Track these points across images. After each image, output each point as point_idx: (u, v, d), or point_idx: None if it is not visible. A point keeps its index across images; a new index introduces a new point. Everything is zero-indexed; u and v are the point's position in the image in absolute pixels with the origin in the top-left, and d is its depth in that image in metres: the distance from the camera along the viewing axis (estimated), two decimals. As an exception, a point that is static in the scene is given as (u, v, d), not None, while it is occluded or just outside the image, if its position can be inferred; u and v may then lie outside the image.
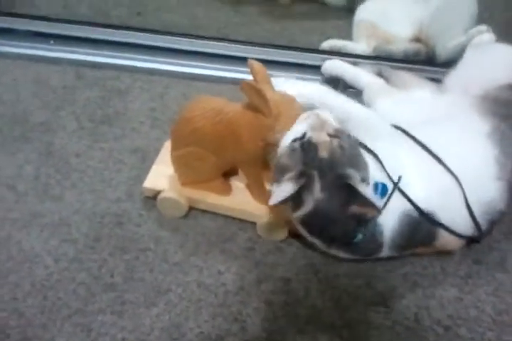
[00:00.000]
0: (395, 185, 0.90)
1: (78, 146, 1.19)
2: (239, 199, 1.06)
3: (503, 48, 1.19)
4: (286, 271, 1.00)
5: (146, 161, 1.15)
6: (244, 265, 1.00)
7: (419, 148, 0.98)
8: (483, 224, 0.95)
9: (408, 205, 0.91)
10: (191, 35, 1.44)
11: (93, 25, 1.45)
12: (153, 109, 1.28)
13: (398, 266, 1.01)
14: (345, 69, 1.30)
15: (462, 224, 0.95)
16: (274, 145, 0.97)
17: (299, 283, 0.98)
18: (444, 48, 1.40)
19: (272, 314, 0.94)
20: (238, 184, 1.08)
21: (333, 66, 1.34)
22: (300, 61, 1.40)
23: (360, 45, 1.46)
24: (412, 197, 0.91)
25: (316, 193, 0.83)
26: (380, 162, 0.92)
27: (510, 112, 1.03)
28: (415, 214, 0.91)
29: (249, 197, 1.05)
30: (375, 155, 0.92)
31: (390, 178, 0.91)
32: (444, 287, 0.99)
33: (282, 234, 1.03)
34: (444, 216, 0.93)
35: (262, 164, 1.01)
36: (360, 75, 1.27)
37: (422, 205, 0.91)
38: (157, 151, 1.13)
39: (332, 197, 0.83)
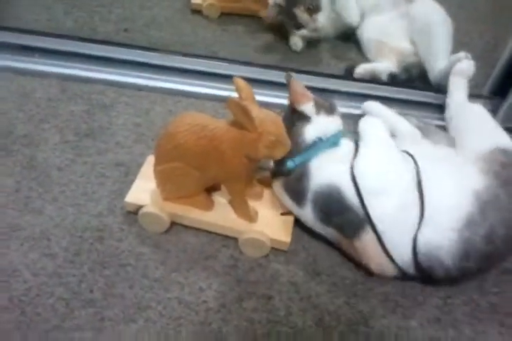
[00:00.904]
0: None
1: (61, 160, 1.18)
2: (221, 215, 1.06)
3: (480, 111, 1.21)
4: (267, 288, 0.99)
5: (129, 175, 1.14)
6: (226, 282, 1.00)
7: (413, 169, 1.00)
8: (423, 264, 0.95)
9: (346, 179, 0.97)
10: (178, 52, 1.44)
11: (79, 39, 1.45)
12: (138, 124, 1.28)
13: (378, 286, 1.02)
14: (385, 114, 1.30)
15: (400, 251, 0.96)
16: (258, 162, 0.98)
17: (280, 301, 0.98)
18: (432, 71, 1.46)
19: (253, 332, 0.93)
20: (221, 200, 1.08)
21: (373, 108, 1.34)
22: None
23: (385, 64, 1.50)
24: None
25: None
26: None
27: (510, 177, 1.00)
28: (347, 192, 0.97)
29: (231, 213, 1.06)
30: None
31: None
32: (423, 307, 1.00)
33: (264, 250, 1.03)
34: (389, 232, 0.95)
35: (245, 180, 1.02)
36: (399, 123, 1.25)
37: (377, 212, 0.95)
38: (140, 166, 1.12)
39: None
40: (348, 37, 1.65)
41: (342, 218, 0.98)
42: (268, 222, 1.05)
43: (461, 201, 0.96)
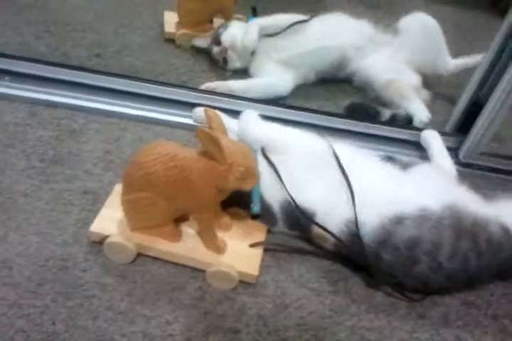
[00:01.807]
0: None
1: (26, 186, 1.15)
2: (189, 246, 1.04)
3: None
4: (235, 321, 0.98)
5: (96, 204, 1.12)
6: (192, 315, 0.98)
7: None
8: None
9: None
10: (150, 80, 1.45)
11: (50, 64, 1.44)
12: (107, 151, 1.27)
13: (346, 319, 1.02)
14: (435, 144, 1.37)
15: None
16: (227, 192, 0.98)
17: (248, 335, 0.96)
18: (443, 67, 1.62)
19: (219, 367, 0.92)
20: (189, 230, 1.07)
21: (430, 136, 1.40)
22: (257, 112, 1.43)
23: (417, 105, 1.54)
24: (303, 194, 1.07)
25: None
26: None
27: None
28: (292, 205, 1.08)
29: (199, 245, 1.04)
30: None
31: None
32: (390, 341, 1.00)
33: (232, 283, 1.02)
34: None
35: (214, 211, 1.01)
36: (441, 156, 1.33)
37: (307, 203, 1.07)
38: (109, 194, 1.11)
39: None
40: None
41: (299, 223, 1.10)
42: (237, 254, 1.04)
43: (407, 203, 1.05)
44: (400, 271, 1.04)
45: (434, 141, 1.38)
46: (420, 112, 1.51)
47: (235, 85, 1.51)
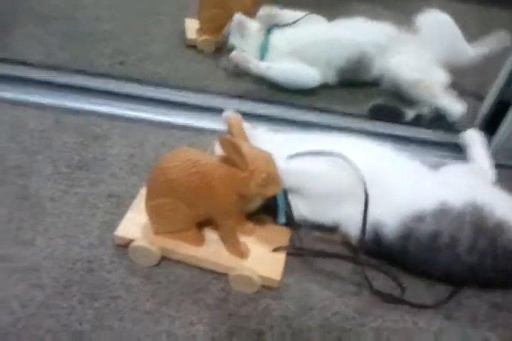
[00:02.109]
0: None
1: (53, 191, 1.18)
2: (212, 250, 1.05)
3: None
4: (259, 323, 0.98)
5: (120, 207, 1.14)
6: (216, 316, 0.98)
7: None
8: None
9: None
10: (172, 86, 1.47)
11: (74, 72, 1.47)
12: (132, 155, 1.29)
13: (371, 320, 1.01)
14: (476, 144, 1.34)
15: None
16: (250, 199, 0.99)
17: (272, 337, 0.96)
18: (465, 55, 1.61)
19: (243, 367, 0.92)
20: (212, 235, 1.07)
21: (473, 136, 1.37)
22: (279, 115, 1.44)
23: (449, 100, 1.53)
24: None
25: None
26: None
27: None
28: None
29: (222, 249, 1.05)
30: None
31: None
32: (415, 342, 0.99)
33: (254, 287, 1.02)
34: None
35: (236, 217, 1.02)
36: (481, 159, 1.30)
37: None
38: (133, 197, 1.12)
39: None
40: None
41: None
42: (259, 258, 1.05)
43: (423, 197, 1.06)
44: (424, 261, 1.06)
45: (476, 141, 1.35)
46: (455, 105, 1.51)
47: (263, 65, 1.49)
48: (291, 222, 1.10)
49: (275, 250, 1.07)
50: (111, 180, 1.22)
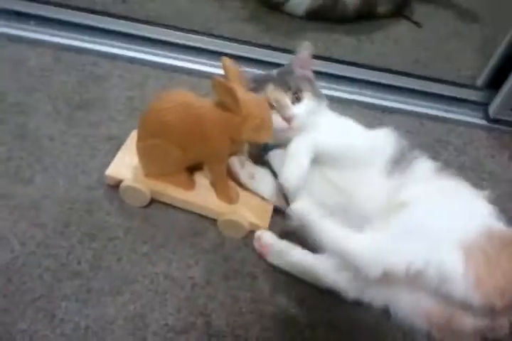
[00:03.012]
0: None
1: (52, 130, 1.17)
2: (201, 195, 1.05)
3: None
4: (253, 267, 1.00)
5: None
6: (212, 259, 1.01)
7: None
8: None
9: None
10: (175, 27, 1.43)
11: (76, 9, 1.42)
12: (131, 97, 1.27)
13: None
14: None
15: None
16: (242, 143, 0.98)
17: (266, 281, 0.99)
18: None
19: (237, 309, 0.94)
20: (203, 180, 1.08)
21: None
22: (281, 61, 1.40)
23: None
24: None
25: None
26: None
27: None
28: None
29: (212, 194, 1.05)
30: None
31: None
32: None
33: (242, 232, 1.04)
34: None
35: (227, 162, 1.02)
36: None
37: None
38: (132, 141, 1.12)
39: None
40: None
41: None
42: (248, 205, 1.05)
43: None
44: None
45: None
46: None
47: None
48: None
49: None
50: (110, 122, 1.21)
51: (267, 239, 1.01)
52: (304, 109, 1.02)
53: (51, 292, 0.92)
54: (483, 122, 1.37)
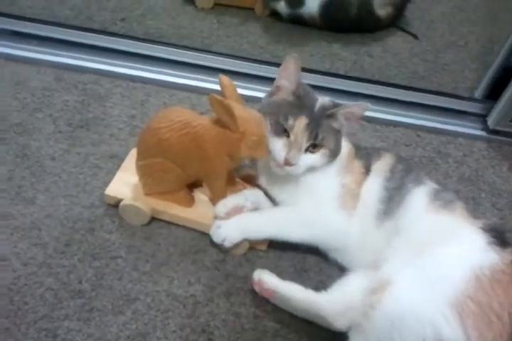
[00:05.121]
0: None
1: (54, 150, 1.18)
2: (201, 211, 1.06)
3: None
4: (255, 284, 1.01)
5: (121, 168, 1.15)
6: (214, 277, 1.01)
7: None
8: None
9: None
10: (174, 45, 1.45)
11: (75, 28, 1.44)
12: (132, 116, 1.28)
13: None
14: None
15: None
16: (240, 160, 0.98)
17: (267, 297, 0.99)
18: None
19: (239, 326, 0.94)
20: (202, 197, 1.08)
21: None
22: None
23: None
24: None
25: None
26: None
27: None
28: None
29: (211, 211, 1.05)
30: None
31: None
32: None
33: (242, 249, 1.04)
34: None
35: (226, 178, 1.02)
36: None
37: None
38: (133, 159, 1.13)
39: None
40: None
41: None
42: None
43: None
44: None
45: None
46: None
47: None
48: None
49: None
50: (111, 140, 1.22)
51: (268, 284, 0.98)
52: (308, 163, 0.98)
53: (53, 311, 0.92)
54: (483, 133, 1.37)
